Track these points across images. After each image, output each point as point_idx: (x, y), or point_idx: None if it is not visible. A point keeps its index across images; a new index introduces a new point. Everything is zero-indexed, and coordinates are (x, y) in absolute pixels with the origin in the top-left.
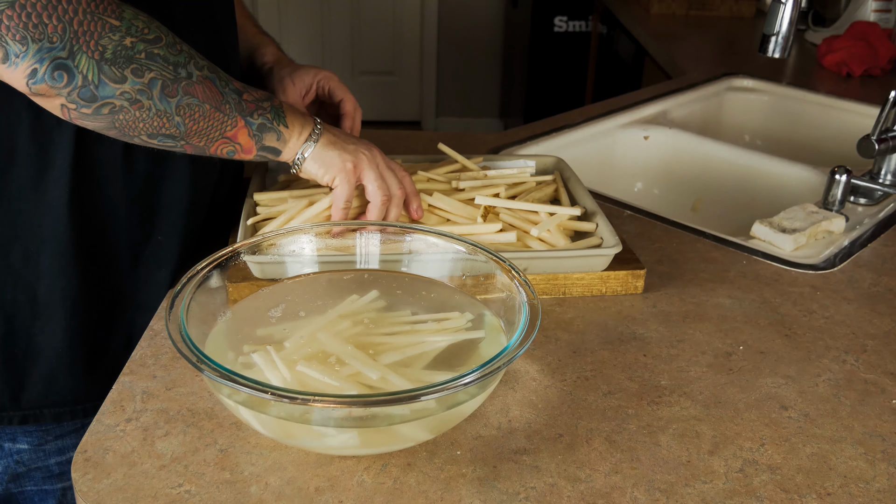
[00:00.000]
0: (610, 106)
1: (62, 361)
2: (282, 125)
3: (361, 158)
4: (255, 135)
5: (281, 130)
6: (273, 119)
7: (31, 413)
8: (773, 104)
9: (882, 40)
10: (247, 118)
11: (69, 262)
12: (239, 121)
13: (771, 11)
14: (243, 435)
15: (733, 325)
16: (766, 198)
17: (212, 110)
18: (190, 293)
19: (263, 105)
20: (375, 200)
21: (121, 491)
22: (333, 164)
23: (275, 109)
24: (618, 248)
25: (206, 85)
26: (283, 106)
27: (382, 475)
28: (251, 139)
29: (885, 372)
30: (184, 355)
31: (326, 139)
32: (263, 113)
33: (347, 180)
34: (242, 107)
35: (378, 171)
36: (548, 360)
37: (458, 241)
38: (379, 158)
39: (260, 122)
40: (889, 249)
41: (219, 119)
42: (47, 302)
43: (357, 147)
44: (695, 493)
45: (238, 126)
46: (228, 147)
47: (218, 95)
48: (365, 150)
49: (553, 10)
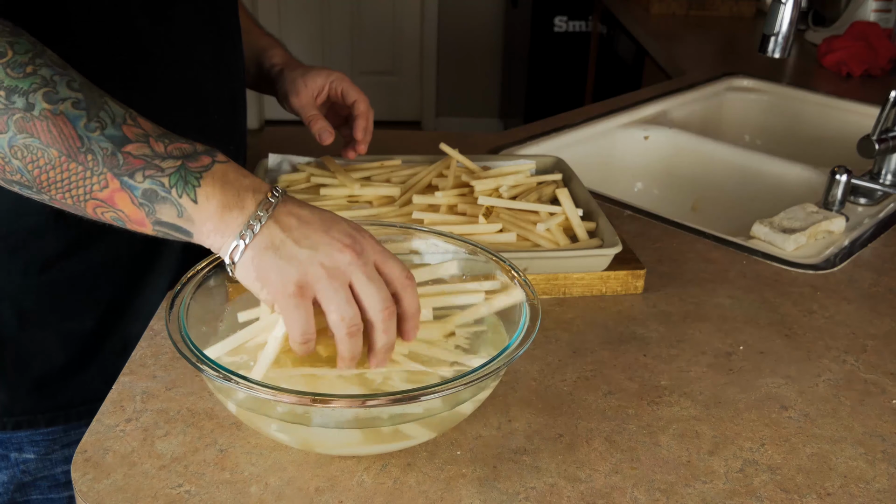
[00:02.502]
0: (610, 106)
1: (54, 367)
2: (186, 196)
3: (315, 274)
4: (142, 203)
5: (183, 205)
6: (172, 186)
7: (24, 419)
8: (773, 104)
9: (882, 40)
10: (123, 178)
11: (60, 274)
12: (111, 180)
13: (771, 11)
14: (243, 435)
15: (733, 325)
16: (766, 198)
17: (62, 159)
18: (190, 293)
19: (162, 164)
20: (338, 333)
21: (121, 491)
22: (270, 281)
23: (182, 173)
24: (618, 248)
25: (57, 123)
26: (208, 170)
27: (382, 475)
28: (138, 209)
29: (885, 372)
30: (184, 355)
31: (266, 238)
32: (156, 175)
33: (293, 307)
34: (116, 161)
35: (344, 290)
36: (548, 360)
37: (458, 241)
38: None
39: (147, 186)
40: (889, 249)
41: (76, 173)
42: (36, 313)
43: (314, 250)
44: (695, 493)
45: (111, 187)
46: (109, 212)
47: (74, 140)
48: (324, 254)
49: (553, 10)
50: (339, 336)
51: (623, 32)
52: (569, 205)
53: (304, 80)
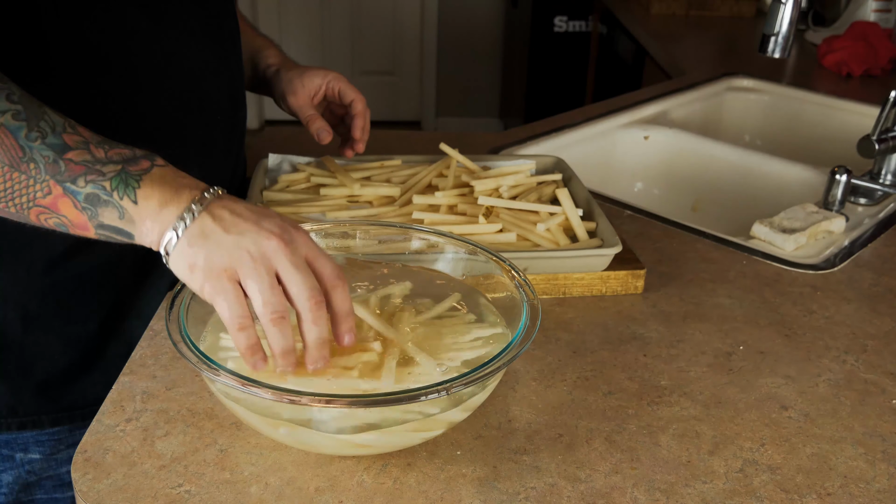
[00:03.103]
0: (610, 106)
1: (58, 369)
2: (126, 198)
3: (239, 258)
4: (84, 207)
5: (124, 206)
6: (114, 189)
7: (28, 420)
8: (773, 104)
9: (882, 40)
10: (66, 184)
11: (64, 276)
12: (53, 186)
13: (771, 11)
14: (243, 435)
15: (733, 325)
16: (766, 198)
17: (5, 169)
18: (190, 293)
19: (103, 168)
20: (263, 320)
21: (121, 491)
22: (197, 266)
23: (123, 177)
24: (618, 248)
25: None
26: (147, 173)
27: (382, 475)
28: (80, 213)
29: (885, 372)
30: (184, 355)
31: (198, 228)
32: (97, 179)
33: (220, 290)
34: (58, 168)
35: (267, 277)
36: (548, 360)
37: (458, 241)
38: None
39: (89, 190)
40: (889, 249)
41: (19, 182)
42: (39, 315)
43: (240, 236)
44: (695, 493)
45: (53, 193)
46: (52, 218)
47: (15, 150)
48: (249, 240)
49: (553, 10)
50: (264, 324)
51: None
52: (569, 205)
53: (301, 80)
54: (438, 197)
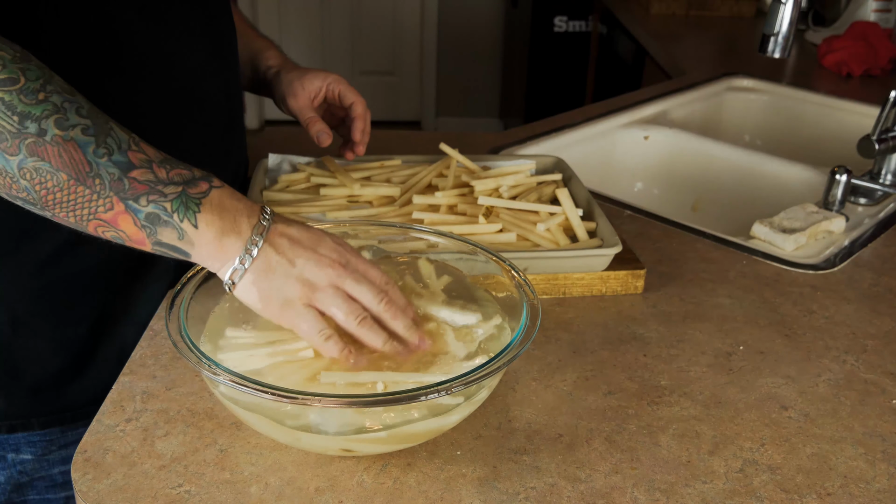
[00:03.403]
0: (610, 106)
1: (48, 372)
2: (187, 221)
3: (309, 287)
4: (144, 225)
5: (184, 229)
6: (175, 210)
7: (18, 422)
8: (773, 104)
9: (882, 40)
10: (128, 202)
11: (53, 278)
12: (115, 203)
13: (771, 11)
14: (243, 435)
15: (733, 325)
16: (766, 198)
17: (70, 182)
18: (190, 293)
19: (164, 189)
20: (351, 327)
21: (121, 491)
22: (271, 299)
23: (184, 199)
24: (618, 248)
25: (67, 149)
26: (206, 196)
27: (382, 475)
28: (139, 230)
29: (885, 372)
30: (184, 355)
31: (263, 262)
32: (159, 200)
33: (297, 315)
34: (122, 185)
35: (341, 294)
36: (548, 360)
37: (459, 241)
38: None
39: (150, 210)
40: (889, 249)
41: (84, 195)
42: (29, 319)
43: (304, 268)
44: (695, 493)
45: (115, 209)
46: (110, 231)
47: (83, 165)
48: (313, 272)
49: (553, 10)
50: (355, 331)
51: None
52: (569, 205)
53: (301, 82)
54: (438, 197)
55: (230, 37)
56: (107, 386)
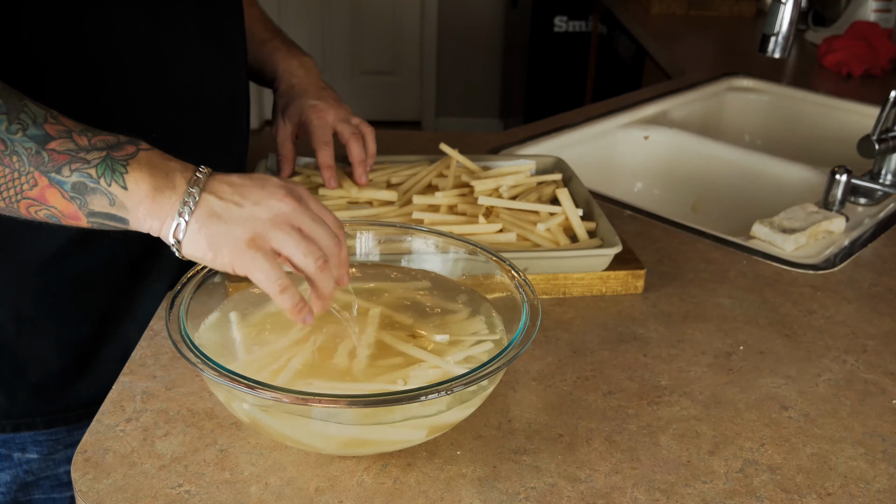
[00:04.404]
0: (610, 106)
1: (52, 371)
2: (115, 184)
3: (262, 223)
4: (73, 197)
5: (113, 193)
6: (101, 176)
7: (23, 421)
8: (773, 104)
9: (882, 40)
10: (51, 174)
11: (57, 277)
12: (39, 178)
13: (771, 11)
14: (243, 435)
15: (733, 325)
16: (766, 198)
17: None
18: (190, 293)
19: (87, 156)
20: (309, 269)
21: (121, 491)
22: (221, 245)
23: (109, 163)
24: (618, 248)
25: None
26: (133, 157)
27: (382, 475)
28: (69, 203)
29: (885, 372)
30: (184, 355)
31: (205, 209)
32: (82, 167)
33: (251, 259)
34: (42, 159)
35: (295, 232)
36: (548, 360)
37: (458, 241)
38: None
39: (75, 179)
40: (889, 249)
41: (4, 175)
42: (32, 318)
43: (255, 206)
44: (695, 493)
45: (40, 185)
46: (42, 210)
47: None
48: (264, 208)
49: (553, 10)
50: (311, 273)
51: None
52: (569, 205)
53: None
54: (438, 197)
55: (235, 37)
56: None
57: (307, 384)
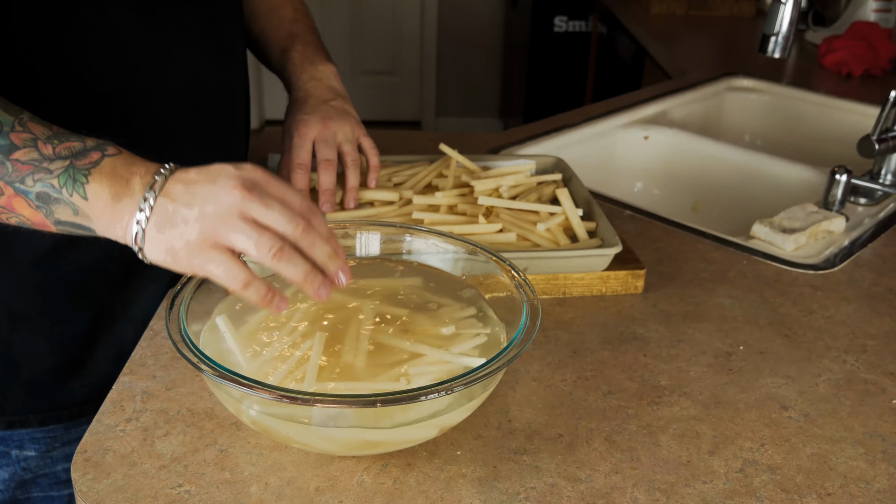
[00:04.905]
0: (610, 106)
1: (45, 369)
2: (76, 194)
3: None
4: (38, 206)
5: (76, 203)
6: (63, 185)
7: (16, 419)
8: (773, 104)
9: (882, 40)
10: (15, 184)
11: (50, 275)
12: (4, 187)
13: (771, 11)
14: (243, 435)
15: (733, 325)
16: (766, 198)
17: None
18: (190, 293)
19: (50, 167)
20: (265, 261)
21: (121, 491)
22: (178, 251)
23: (71, 172)
24: (618, 248)
25: None
26: (97, 166)
27: (382, 475)
28: (36, 211)
29: (885, 372)
30: (184, 355)
31: (159, 214)
32: (45, 177)
33: (208, 260)
34: (6, 169)
35: (248, 224)
36: (548, 360)
37: (458, 241)
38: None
39: (39, 189)
40: (889, 249)
41: None
42: (26, 315)
43: (203, 204)
44: (695, 493)
45: (6, 194)
46: (12, 217)
47: None
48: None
49: (553, 10)
50: (270, 264)
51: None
52: (569, 205)
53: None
54: (438, 197)
55: (235, 36)
56: (105, 384)
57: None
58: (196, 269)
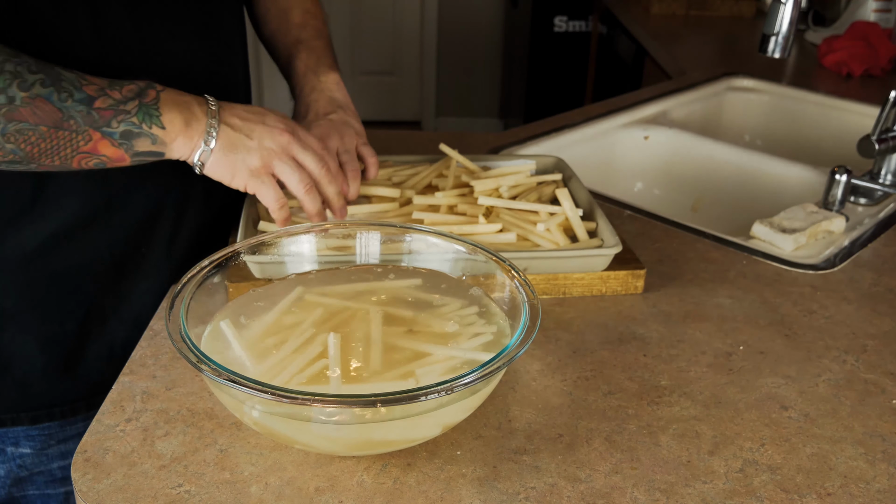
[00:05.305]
0: (610, 106)
1: (36, 367)
2: (155, 127)
3: (268, 153)
4: (121, 143)
5: (155, 133)
6: (142, 122)
7: (8, 417)
8: (773, 104)
9: (882, 40)
10: (103, 129)
11: (40, 273)
12: (92, 134)
13: (771, 11)
14: (243, 435)
15: (733, 325)
16: (766, 198)
17: (51, 130)
18: (190, 293)
19: (126, 107)
20: (299, 193)
21: (121, 491)
22: (238, 170)
23: (144, 109)
24: (618, 248)
25: (37, 105)
26: (158, 100)
27: (382, 475)
28: (118, 148)
29: (885, 372)
30: (184, 355)
31: (224, 140)
32: (126, 118)
33: (261, 183)
34: (94, 118)
35: (292, 161)
36: (548, 360)
37: (458, 241)
38: (288, 140)
39: (123, 129)
40: (889, 249)
41: (64, 137)
42: (15, 314)
43: (262, 141)
44: (695, 493)
45: (94, 139)
46: (92, 160)
47: (55, 113)
48: (270, 143)
49: (553, 10)
50: (300, 195)
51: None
52: (569, 205)
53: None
54: (438, 197)
55: (233, 35)
56: (97, 382)
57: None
58: (249, 187)
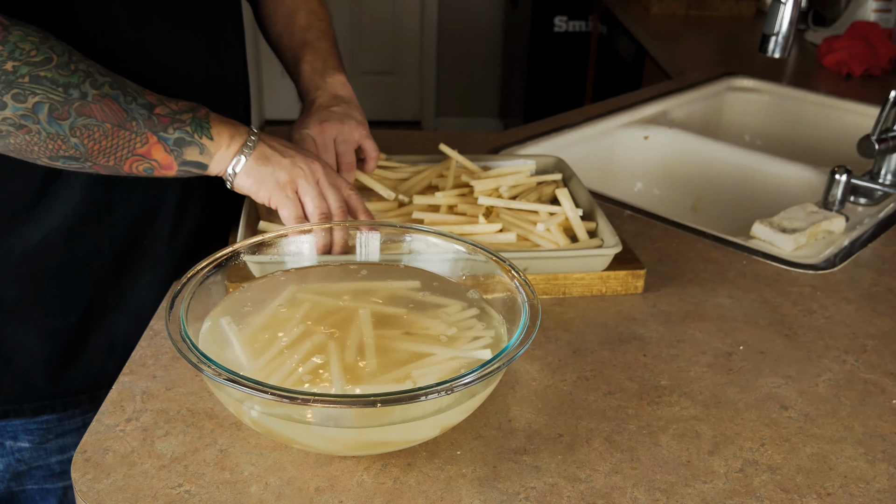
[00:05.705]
0: (610, 106)
1: (37, 360)
2: (205, 137)
3: (297, 173)
4: (172, 150)
5: (204, 143)
6: (194, 132)
7: (10, 408)
8: (773, 104)
9: (882, 40)
10: (160, 133)
11: (41, 266)
12: (150, 137)
13: (771, 11)
14: (243, 435)
15: (733, 325)
16: (766, 198)
17: (114, 129)
18: (190, 293)
19: (181, 118)
20: (313, 220)
21: (121, 491)
22: (266, 181)
23: (196, 121)
24: (618, 248)
25: (106, 103)
26: (209, 116)
27: (382, 475)
28: (168, 154)
29: (885, 372)
30: (184, 355)
31: (260, 153)
32: (181, 126)
33: (285, 197)
34: (153, 122)
35: (316, 188)
36: (548, 360)
37: (458, 241)
38: (320, 174)
39: (177, 136)
40: (889, 249)
41: (124, 137)
42: (17, 307)
43: (294, 161)
44: (695, 493)
45: (150, 142)
46: (143, 164)
47: (121, 113)
48: (302, 164)
49: (553, 10)
50: (314, 221)
51: (623, 32)
52: (569, 205)
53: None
54: (438, 197)
55: (233, 36)
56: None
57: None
58: (273, 200)
